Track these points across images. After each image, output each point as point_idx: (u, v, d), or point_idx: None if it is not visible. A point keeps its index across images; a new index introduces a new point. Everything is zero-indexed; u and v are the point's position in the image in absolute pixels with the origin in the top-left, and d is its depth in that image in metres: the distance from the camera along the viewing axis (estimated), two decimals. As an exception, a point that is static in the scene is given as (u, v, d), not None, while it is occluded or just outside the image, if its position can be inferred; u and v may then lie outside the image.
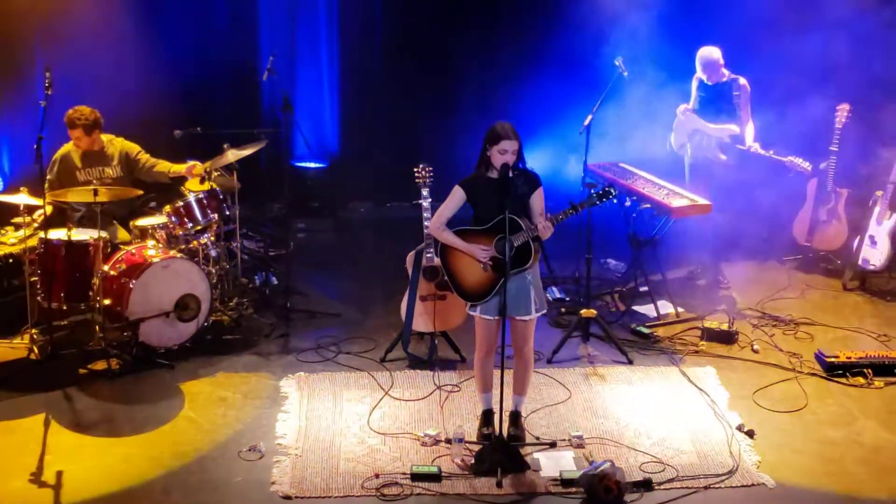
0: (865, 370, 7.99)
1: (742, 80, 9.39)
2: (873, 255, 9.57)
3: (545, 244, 7.09)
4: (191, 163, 8.74)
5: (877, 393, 7.82)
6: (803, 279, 9.98)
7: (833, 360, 8.06)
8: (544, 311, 6.93)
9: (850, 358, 8.08)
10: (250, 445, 6.94)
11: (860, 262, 9.69)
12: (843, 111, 9.70)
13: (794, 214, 10.26)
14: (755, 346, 8.51)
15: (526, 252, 6.67)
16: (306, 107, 10.07)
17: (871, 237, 9.58)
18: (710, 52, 9.40)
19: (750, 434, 7.18)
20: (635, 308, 9.17)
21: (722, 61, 9.39)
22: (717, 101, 9.46)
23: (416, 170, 7.85)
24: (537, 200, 6.74)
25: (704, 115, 9.55)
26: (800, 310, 9.26)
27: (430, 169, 7.84)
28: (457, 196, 6.75)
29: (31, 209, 8.27)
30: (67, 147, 8.76)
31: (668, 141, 9.78)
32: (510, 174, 6.57)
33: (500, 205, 6.53)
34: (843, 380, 7.96)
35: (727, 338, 8.58)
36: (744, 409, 7.55)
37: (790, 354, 8.36)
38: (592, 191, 6.80)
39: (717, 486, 6.63)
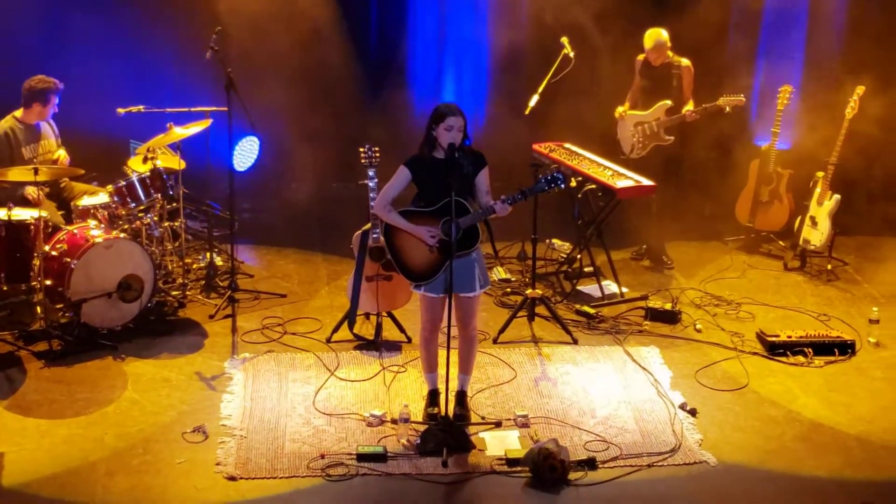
0: (806, 349, 8.10)
1: (686, 62, 9.43)
2: (814, 236, 9.68)
3: (491, 225, 7.10)
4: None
5: (817, 372, 7.93)
6: (745, 259, 10.08)
7: (774, 339, 8.16)
8: (488, 287, 6.95)
9: (790, 337, 8.18)
10: (195, 427, 6.91)
11: (801, 242, 9.80)
12: (784, 92, 9.78)
13: (737, 195, 10.34)
14: (698, 326, 8.59)
15: (472, 234, 6.69)
16: (252, 85, 9.99)
17: (812, 218, 9.69)
18: (660, 34, 9.43)
19: (692, 412, 7.26)
20: (580, 288, 9.21)
21: (669, 43, 9.43)
22: (659, 84, 9.50)
23: (361, 150, 7.83)
24: (483, 179, 6.76)
25: (647, 99, 9.58)
26: (742, 289, 9.36)
27: (377, 149, 7.82)
28: (402, 175, 6.74)
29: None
30: (8, 122, 8.63)
31: (620, 151, 9.77)
32: (456, 154, 6.58)
33: (446, 185, 6.53)
34: (784, 359, 8.06)
35: (670, 317, 8.65)
36: (686, 387, 7.62)
37: (732, 334, 8.45)
38: (542, 177, 6.80)
39: (659, 464, 6.70)
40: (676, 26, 9.59)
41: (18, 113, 8.69)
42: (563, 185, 6.75)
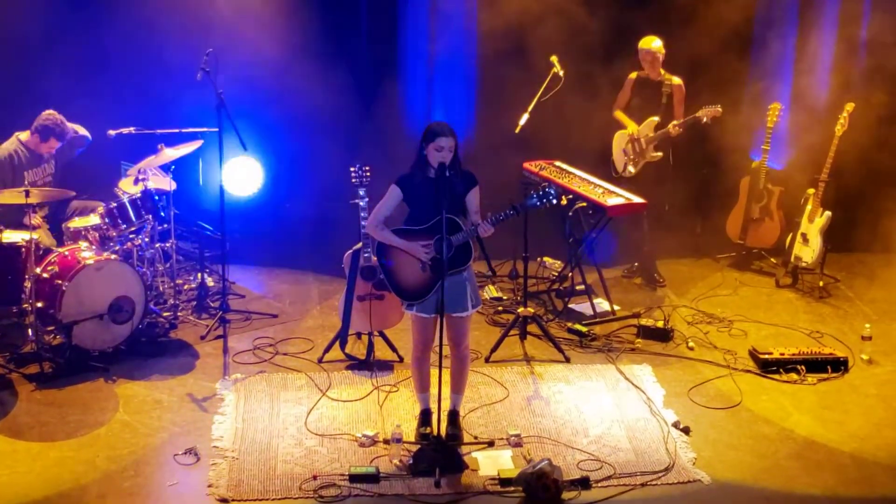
0: (798, 367, 8.10)
1: (677, 80, 9.45)
2: (805, 253, 9.69)
3: (484, 243, 7.13)
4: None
5: (810, 389, 7.93)
6: (737, 276, 10.09)
7: (767, 356, 8.16)
8: (480, 307, 6.96)
9: (783, 354, 8.19)
10: (186, 448, 6.89)
11: (793, 259, 9.81)
12: (774, 110, 9.82)
13: (728, 212, 10.36)
14: (690, 344, 8.60)
15: (465, 252, 6.69)
16: (243, 106, 10.00)
17: (804, 235, 9.71)
18: (657, 40, 9.43)
19: (686, 431, 7.26)
20: (572, 306, 9.22)
21: (664, 52, 9.43)
22: (652, 101, 9.51)
23: (352, 169, 7.84)
24: (473, 199, 6.77)
25: (638, 117, 9.59)
26: (734, 307, 9.37)
27: (367, 168, 7.83)
28: (393, 194, 6.76)
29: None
30: (13, 144, 8.66)
31: (612, 168, 9.78)
32: (447, 173, 6.59)
33: (437, 204, 6.55)
34: (777, 376, 8.07)
35: (663, 335, 8.66)
36: (679, 406, 7.63)
37: (725, 351, 8.45)
38: (533, 193, 6.81)
39: (653, 483, 6.70)
40: (670, 42, 9.60)
41: (24, 136, 8.73)
42: (554, 201, 6.77)
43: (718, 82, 10.06)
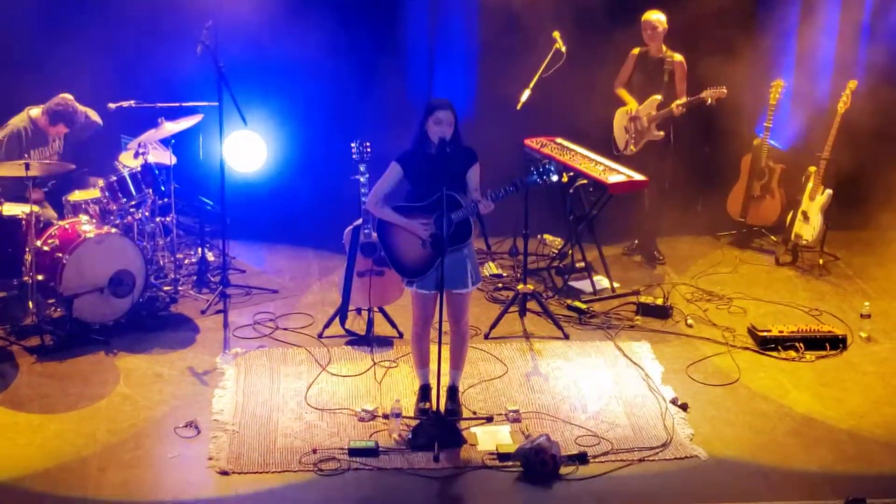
0: (797, 344, 8.14)
1: (679, 57, 9.45)
2: (806, 231, 9.71)
3: (484, 219, 7.14)
4: None
5: (808, 366, 7.97)
6: (737, 254, 10.11)
7: (765, 334, 8.20)
8: (480, 284, 6.99)
9: (782, 332, 8.23)
10: (187, 422, 6.93)
11: (793, 237, 9.83)
12: (776, 87, 9.81)
13: (729, 189, 10.38)
14: (689, 321, 8.63)
15: (464, 228, 6.72)
16: (244, 80, 9.98)
17: (804, 213, 9.72)
18: (661, 18, 9.43)
19: (683, 407, 7.30)
20: (572, 283, 9.25)
21: (666, 26, 9.42)
22: (654, 78, 9.51)
23: (353, 145, 7.86)
24: (473, 176, 6.79)
25: (640, 94, 9.60)
26: (733, 284, 9.41)
27: (368, 144, 7.85)
28: (393, 171, 6.78)
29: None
30: (23, 121, 8.69)
31: (613, 147, 9.79)
32: (447, 149, 6.61)
33: (436, 180, 6.57)
34: (776, 353, 8.11)
35: (662, 313, 8.69)
36: (678, 382, 7.67)
37: (723, 329, 8.49)
38: (533, 170, 6.82)
39: (651, 458, 6.75)
40: (673, 16, 9.59)
41: (35, 112, 8.76)
42: (555, 178, 6.78)
43: (721, 58, 10.04)
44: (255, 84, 10.17)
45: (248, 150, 10.12)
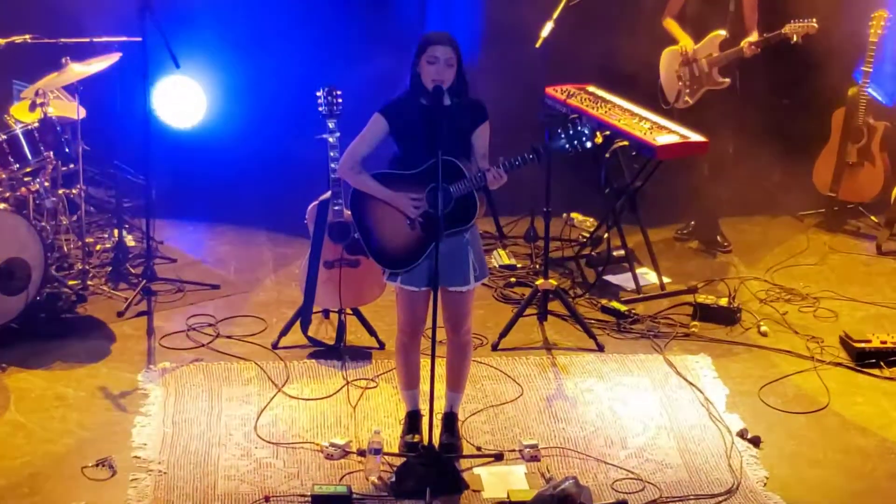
0: (905, 359, 8.17)
1: (744, -23, 9.47)
2: (918, 209, 9.76)
3: (493, 194, 7.12)
4: None
5: (919, 389, 8.00)
6: (826, 240, 10.11)
7: (863, 345, 8.19)
8: (485, 280, 6.97)
9: (885, 343, 8.23)
10: (98, 459, 6.91)
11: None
12: (879, 20, 9.80)
13: (815, 155, 10.37)
14: (763, 328, 8.64)
15: (467, 205, 6.68)
16: (177, 9, 9.97)
17: (916, 185, 9.77)
18: None
19: (755, 442, 7.30)
20: (608, 278, 9.26)
21: None
22: (715, 6, 9.49)
23: (319, 94, 7.84)
24: (482, 138, 6.74)
25: (696, 30, 9.57)
26: (821, 280, 9.42)
27: (339, 93, 7.83)
28: (376, 126, 6.73)
29: None
30: None
31: (661, 98, 9.78)
32: (447, 101, 6.58)
33: (432, 141, 6.53)
34: (876, 371, 8.11)
35: (727, 317, 8.70)
36: (748, 409, 7.67)
37: (808, 338, 8.50)
38: (561, 132, 6.75)
39: (712, 509, 6.76)
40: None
41: None
42: (588, 144, 6.72)
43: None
44: (190, 15, 10.16)
45: (181, 101, 10.11)
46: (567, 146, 6.65)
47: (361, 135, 6.76)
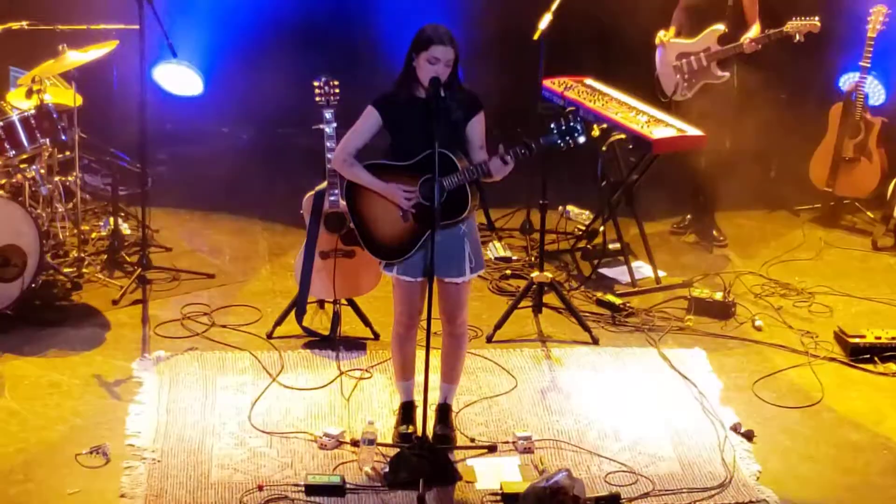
0: (899, 354, 8.19)
1: (747, -27, 9.46)
2: (914, 205, 9.76)
3: (486, 186, 7.12)
4: None
5: (913, 384, 8.02)
6: (822, 235, 10.12)
7: (858, 341, 8.21)
8: (482, 272, 6.99)
9: (879, 338, 8.24)
10: (92, 447, 6.92)
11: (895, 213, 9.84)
12: (877, 14, 9.79)
13: (812, 150, 10.38)
14: (757, 322, 8.65)
15: (461, 198, 6.69)
16: (173, 1, 9.99)
17: (912, 181, 9.77)
18: None
19: (748, 436, 7.31)
20: (603, 271, 9.27)
21: None
22: (714, 2, 9.48)
23: (316, 84, 7.84)
24: (477, 129, 6.75)
25: (696, 23, 9.57)
26: (817, 275, 9.43)
27: (336, 84, 7.83)
28: (370, 119, 6.75)
29: None
30: None
31: (658, 90, 9.77)
32: (442, 92, 6.59)
33: (427, 133, 6.54)
34: (871, 367, 8.12)
35: (722, 311, 8.71)
36: (741, 403, 7.68)
37: (802, 333, 8.51)
38: (554, 126, 6.74)
39: (704, 502, 6.76)
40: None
41: None
42: (582, 138, 6.72)
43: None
44: (188, 2, 10.15)
45: (177, 88, 10.10)
46: (560, 142, 6.65)
47: (354, 127, 6.78)
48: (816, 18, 9.28)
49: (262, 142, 11.14)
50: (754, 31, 9.38)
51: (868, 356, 8.17)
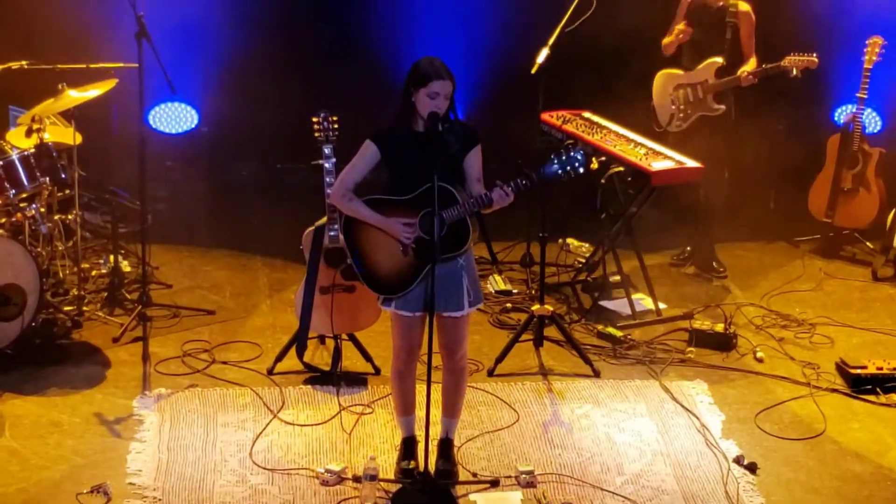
0: (901, 385, 8.17)
1: (745, 7, 9.44)
2: (913, 235, 9.75)
3: (487, 219, 7.11)
4: None
5: (916, 415, 7.99)
6: (822, 266, 10.11)
7: (859, 371, 8.19)
8: (480, 305, 6.97)
9: (881, 369, 8.22)
10: (93, 486, 6.89)
11: (895, 243, 9.83)
12: (873, 47, 9.81)
13: (811, 181, 10.38)
14: (759, 354, 8.63)
15: (461, 231, 6.67)
16: (171, 39, 9.99)
17: (911, 212, 9.76)
18: None
19: (751, 468, 7.28)
20: (604, 303, 9.25)
21: None
22: (710, 35, 9.49)
23: (315, 120, 7.84)
24: (474, 162, 6.75)
25: (693, 55, 9.58)
26: (817, 306, 9.41)
27: (335, 119, 7.83)
28: (368, 153, 6.74)
29: None
30: None
31: (654, 120, 9.78)
32: (440, 127, 6.58)
33: (425, 167, 6.53)
34: (873, 398, 8.10)
35: (723, 342, 8.69)
36: (744, 435, 7.65)
37: (804, 364, 8.49)
38: (554, 158, 6.73)
39: (708, 536, 6.75)
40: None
41: None
42: (581, 170, 6.72)
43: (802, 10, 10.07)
44: (185, 40, 10.17)
45: (176, 125, 10.11)
46: (560, 172, 6.65)
47: (353, 162, 6.76)
48: (815, 55, 9.28)
49: (262, 177, 11.13)
50: (751, 64, 9.39)
51: (870, 387, 8.14)
